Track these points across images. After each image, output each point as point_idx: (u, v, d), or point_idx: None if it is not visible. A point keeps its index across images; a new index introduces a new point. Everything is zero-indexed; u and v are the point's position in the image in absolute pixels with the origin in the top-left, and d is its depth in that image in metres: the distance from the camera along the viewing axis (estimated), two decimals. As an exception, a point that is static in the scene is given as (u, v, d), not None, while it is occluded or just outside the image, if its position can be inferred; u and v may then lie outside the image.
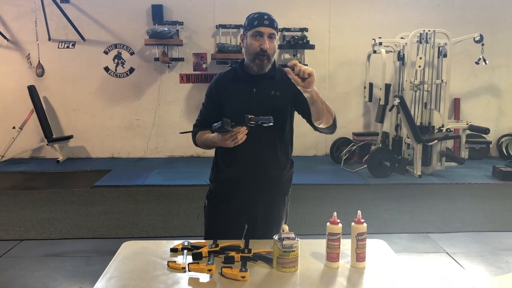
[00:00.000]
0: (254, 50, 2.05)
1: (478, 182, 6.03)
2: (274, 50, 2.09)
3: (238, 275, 1.66)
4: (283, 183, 2.23)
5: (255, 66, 2.08)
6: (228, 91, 2.14)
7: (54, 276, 3.34)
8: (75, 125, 7.49)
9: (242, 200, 2.18)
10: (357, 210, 1.90)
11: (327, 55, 7.52)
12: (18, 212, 4.79)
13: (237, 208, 2.19)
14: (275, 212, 2.23)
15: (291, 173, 2.26)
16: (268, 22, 2.06)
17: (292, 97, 2.12)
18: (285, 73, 2.07)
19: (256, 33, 2.05)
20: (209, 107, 2.20)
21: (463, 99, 7.63)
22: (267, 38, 2.05)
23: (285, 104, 2.14)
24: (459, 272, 3.45)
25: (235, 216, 2.20)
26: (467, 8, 7.44)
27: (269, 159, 2.14)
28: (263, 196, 2.18)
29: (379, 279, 1.71)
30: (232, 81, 2.16)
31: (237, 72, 2.17)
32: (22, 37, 7.23)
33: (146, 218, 4.61)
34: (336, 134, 7.34)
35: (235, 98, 2.13)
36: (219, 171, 2.23)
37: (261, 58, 2.05)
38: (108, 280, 1.68)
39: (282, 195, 2.25)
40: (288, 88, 2.06)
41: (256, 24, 2.05)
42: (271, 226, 2.21)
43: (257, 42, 2.04)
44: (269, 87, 2.12)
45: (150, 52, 7.39)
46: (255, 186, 2.16)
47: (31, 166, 6.99)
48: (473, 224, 4.49)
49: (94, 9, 7.27)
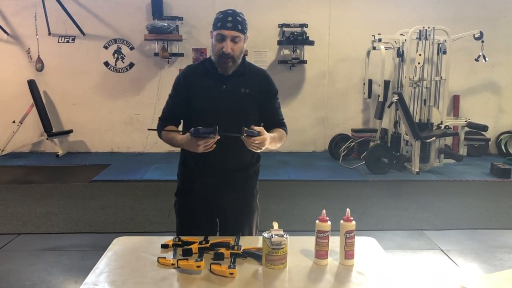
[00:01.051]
0: (218, 52, 2.05)
1: (475, 179, 6.04)
2: (239, 51, 2.07)
3: (227, 271, 1.68)
4: (250, 177, 2.25)
5: (219, 68, 2.09)
6: (198, 86, 2.13)
7: (50, 270, 3.37)
8: (75, 120, 7.51)
9: (211, 196, 2.19)
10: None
11: (326, 51, 7.51)
12: (16, 206, 4.82)
13: (206, 203, 2.20)
14: (245, 205, 2.25)
15: (258, 167, 2.29)
16: (231, 25, 2.01)
17: (259, 96, 2.16)
18: (255, 71, 2.17)
19: (218, 35, 2.03)
20: (176, 100, 2.18)
21: (463, 96, 7.63)
22: (230, 41, 2.02)
23: (254, 101, 2.15)
24: (452, 270, 3.47)
25: (205, 212, 2.21)
26: (467, 4, 7.42)
27: (236, 154, 2.13)
28: (231, 190, 2.19)
29: (367, 277, 1.73)
30: (202, 76, 2.14)
31: (207, 68, 2.14)
32: (22, 32, 7.24)
33: (143, 213, 4.63)
34: (335, 130, 7.45)
35: (205, 94, 2.11)
36: (186, 167, 2.23)
37: (224, 61, 2.05)
38: (98, 275, 1.71)
39: (250, 188, 2.27)
40: (257, 87, 2.14)
41: (219, 26, 2.03)
42: (242, 219, 2.23)
43: (220, 45, 2.03)
44: (239, 85, 2.12)
45: (150, 47, 7.40)
46: (222, 181, 2.16)
47: (31, 160, 7.02)
48: (468, 221, 4.50)
49: (94, 3, 7.27)
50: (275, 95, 2.24)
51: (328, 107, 7.66)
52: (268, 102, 2.20)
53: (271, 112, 2.22)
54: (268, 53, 7.46)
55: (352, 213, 1.83)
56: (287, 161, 7.01)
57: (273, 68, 7.42)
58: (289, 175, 6.21)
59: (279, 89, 2.27)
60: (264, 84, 2.20)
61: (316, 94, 7.61)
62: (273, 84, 2.24)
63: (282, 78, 7.37)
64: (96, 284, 1.64)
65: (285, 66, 7.43)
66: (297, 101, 7.56)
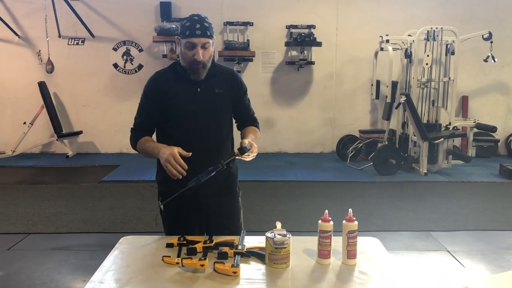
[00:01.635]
0: (189, 60, 2.05)
1: (484, 181, 6.01)
2: (209, 56, 2.08)
3: (230, 270, 1.70)
4: (231, 175, 2.28)
5: (191, 74, 2.10)
6: (171, 91, 2.11)
7: (59, 269, 3.43)
8: (84, 121, 7.59)
9: (194, 197, 2.18)
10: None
11: (334, 52, 7.51)
12: (26, 206, 4.89)
13: (192, 205, 2.20)
14: (229, 203, 2.29)
15: (236, 165, 2.32)
16: (200, 32, 2.01)
17: (231, 95, 2.21)
18: (224, 71, 2.23)
19: (188, 43, 2.03)
20: (148, 107, 2.16)
21: (471, 97, 7.58)
22: (200, 48, 2.02)
23: (228, 101, 2.20)
24: (457, 271, 3.46)
25: (191, 213, 2.22)
26: (476, 5, 7.39)
27: (214, 155, 2.14)
28: (213, 190, 2.20)
29: (369, 276, 1.75)
30: (174, 81, 2.13)
31: (179, 72, 2.14)
32: (32, 34, 7.34)
33: (151, 214, 4.64)
34: (342, 131, 7.45)
35: (180, 98, 2.11)
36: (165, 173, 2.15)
37: (195, 68, 2.06)
38: (104, 273, 1.74)
39: (233, 185, 2.30)
40: (229, 86, 2.19)
41: (188, 34, 2.02)
42: (233, 215, 2.28)
43: (191, 52, 2.03)
44: (212, 86, 2.15)
45: (158, 49, 7.46)
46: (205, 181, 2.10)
47: (41, 161, 7.11)
48: (476, 222, 4.48)
49: (104, 6, 7.35)
50: (246, 92, 2.30)
51: (335, 108, 7.66)
52: (240, 100, 2.27)
53: (243, 109, 2.30)
54: (275, 55, 7.47)
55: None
56: (295, 162, 7.02)
57: (281, 70, 7.44)
58: (297, 176, 6.22)
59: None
60: (234, 83, 2.24)
61: (323, 95, 7.61)
62: (242, 82, 2.29)
63: (290, 79, 7.40)
64: (102, 282, 1.68)
65: (292, 67, 7.44)
66: (305, 102, 7.57)
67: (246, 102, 2.32)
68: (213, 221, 2.26)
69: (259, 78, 7.45)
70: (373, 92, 7.08)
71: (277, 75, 7.48)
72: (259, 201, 5.05)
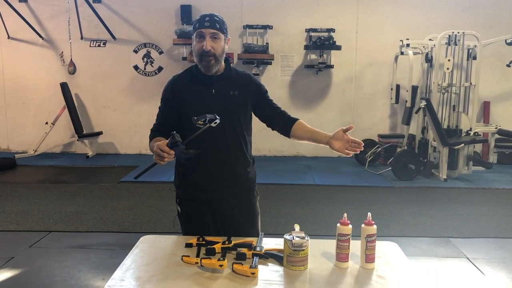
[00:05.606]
0: (198, 51, 2.07)
1: (505, 188, 5.90)
2: (221, 50, 2.08)
3: (248, 271, 1.71)
4: (249, 180, 2.26)
5: (202, 68, 2.10)
6: (186, 93, 2.14)
7: (79, 267, 3.48)
8: (105, 122, 7.71)
9: (213, 201, 2.19)
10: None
11: (354, 56, 7.48)
12: (48, 205, 4.98)
13: (209, 209, 2.20)
14: (248, 207, 2.27)
15: (254, 170, 2.31)
16: (209, 24, 2.05)
17: (249, 97, 2.19)
18: (240, 74, 2.21)
19: (198, 35, 2.07)
20: (166, 111, 2.19)
21: (493, 103, 7.47)
22: (209, 38, 2.05)
23: (244, 103, 2.18)
24: (477, 278, 3.41)
25: (208, 217, 2.22)
26: (499, 9, 7.28)
27: (232, 159, 2.15)
28: (232, 195, 2.20)
29: (388, 280, 1.74)
30: (189, 83, 2.16)
31: (194, 74, 2.16)
32: (56, 36, 7.49)
33: (170, 214, 4.71)
34: (361, 135, 7.40)
35: (195, 100, 2.13)
36: (183, 176, 2.23)
37: (205, 59, 2.07)
38: (125, 271, 1.77)
39: (250, 190, 2.29)
40: (245, 88, 2.18)
41: (198, 26, 2.07)
42: (248, 220, 2.26)
43: (200, 44, 2.06)
44: (227, 87, 2.15)
45: (178, 51, 7.53)
46: (221, 186, 2.17)
47: (62, 160, 7.23)
48: (497, 230, 4.41)
49: (125, 9, 7.46)
50: (266, 92, 2.27)
51: (354, 112, 7.63)
52: (264, 102, 2.24)
53: (270, 106, 2.25)
54: (294, 58, 7.48)
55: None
56: (313, 166, 7.01)
57: (300, 73, 7.44)
58: (314, 180, 6.20)
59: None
60: (251, 84, 2.21)
61: (342, 99, 7.59)
62: (261, 83, 2.27)
63: (309, 83, 7.39)
64: (123, 279, 1.71)
65: (311, 71, 7.43)
66: (324, 106, 7.55)
67: (271, 101, 2.27)
68: (229, 226, 2.24)
69: (277, 81, 7.46)
70: (393, 96, 7.03)
71: (296, 79, 7.48)
72: (277, 204, 5.05)
